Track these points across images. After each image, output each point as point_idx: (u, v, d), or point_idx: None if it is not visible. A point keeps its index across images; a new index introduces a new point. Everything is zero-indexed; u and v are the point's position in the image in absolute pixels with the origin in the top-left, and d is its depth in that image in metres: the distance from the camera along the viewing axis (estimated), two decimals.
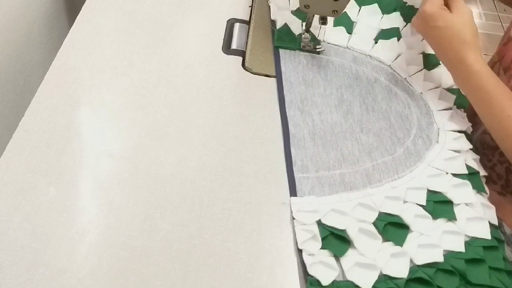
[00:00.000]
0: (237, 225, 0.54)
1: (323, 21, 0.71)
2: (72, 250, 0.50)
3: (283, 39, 0.74)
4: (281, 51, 0.73)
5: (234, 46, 0.74)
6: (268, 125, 0.64)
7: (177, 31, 0.74)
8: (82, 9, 0.74)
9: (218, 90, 0.67)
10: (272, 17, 0.77)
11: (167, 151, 0.59)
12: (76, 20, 0.72)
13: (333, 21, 0.77)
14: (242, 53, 0.73)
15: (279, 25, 0.75)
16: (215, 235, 0.53)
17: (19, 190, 0.53)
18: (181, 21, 0.75)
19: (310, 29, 0.73)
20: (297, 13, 0.77)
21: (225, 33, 0.75)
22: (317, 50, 0.73)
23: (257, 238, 0.53)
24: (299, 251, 0.52)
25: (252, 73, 0.70)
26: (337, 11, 0.65)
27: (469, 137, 0.67)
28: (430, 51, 0.74)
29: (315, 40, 0.73)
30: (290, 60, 0.72)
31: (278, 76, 0.69)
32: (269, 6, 0.78)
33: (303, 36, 0.72)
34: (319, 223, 0.54)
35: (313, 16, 0.69)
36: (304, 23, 0.74)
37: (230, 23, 0.77)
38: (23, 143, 0.57)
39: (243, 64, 0.71)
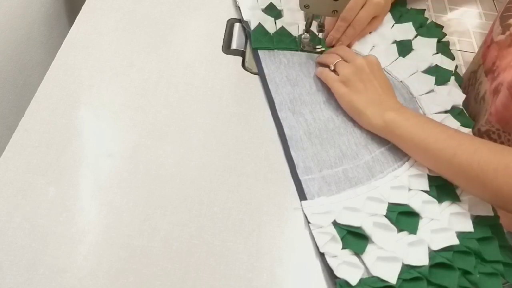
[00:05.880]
0: (237, 225, 0.54)
1: (321, 28, 0.71)
2: (72, 250, 0.50)
3: (260, 39, 0.72)
4: (260, 52, 0.71)
5: (234, 46, 0.74)
6: (268, 125, 0.64)
7: (177, 31, 0.74)
8: (82, 9, 0.74)
9: (218, 90, 0.67)
10: (245, 18, 0.75)
11: (167, 151, 0.59)
12: (76, 20, 0.72)
13: (304, 15, 0.76)
14: (242, 53, 0.73)
15: (253, 25, 0.74)
16: (215, 235, 0.53)
17: (19, 190, 0.53)
18: (181, 21, 0.75)
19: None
20: (267, 11, 0.76)
21: (225, 33, 0.75)
22: (317, 50, 0.73)
23: (257, 238, 0.53)
24: (321, 255, 0.52)
25: (252, 73, 0.70)
26: (336, 11, 0.65)
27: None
28: (401, 38, 0.75)
29: (314, 40, 0.73)
30: (271, 61, 0.71)
31: (262, 78, 0.68)
32: (238, 7, 0.77)
33: (302, 36, 0.72)
34: (334, 223, 0.54)
35: (313, 16, 0.69)
36: (277, 21, 0.74)
37: (230, 23, 0.77)
38: (23, 143, 0.57)
39: (243, 64, 0.71)
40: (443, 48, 0.76)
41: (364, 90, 0.62)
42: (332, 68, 0.67)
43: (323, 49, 0.73)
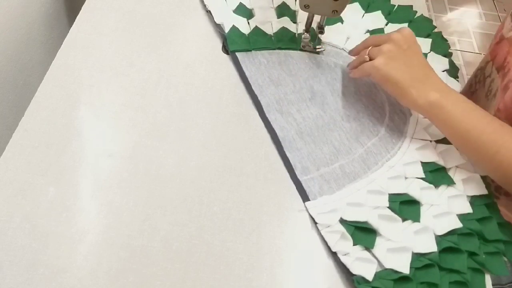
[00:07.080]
0: (237, 225, 0.54)
1: (320, 30, 0.71)
2: (72, 250, 0.50)
3: (236, 41, 0.71)
4: (238, 55, 0.70)
5: None
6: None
7: (177, 31, 0.74)
8: (82, 9, 0.74)
9: (218, 90, 0.67)
10: (218, 21, 0.74)
11: (167, 151, 0.59)
12: (76, 20, 0.72)
13: (275, 12, 0.76)
14: None
15: (227, 28, 0.72)
16: (215, 235, 0.53)
17: (19, 190, 0.53)
18: (181, 21, 0.75)
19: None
20: (238, 11, 0.75)
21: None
22: (317, 50, 0.73)
23: (257, 238, 0.53)
24: (333, 253, 0.52)
25: None
26: (337, 11, 0.65)
27: None
28: (373, 27, 0.76)
29: (315, 40, 0.73)
30: (250, 62, 0.69)
31: (245, 81, 0.67)
32: (209, 11, 0.75)
33: (303, 36, 0.72)
34: (341, 220, 0.54)
35: (313, 16, 0.69)
36: (249, 21, 0.74)
37: None
38: (23, 143, 0.57)
39: None
40: (435, 37, 0.76)
41: (405, 67, 0.57)
42: (368, 59, 0.61)
43: (323, 49, 0.73)
